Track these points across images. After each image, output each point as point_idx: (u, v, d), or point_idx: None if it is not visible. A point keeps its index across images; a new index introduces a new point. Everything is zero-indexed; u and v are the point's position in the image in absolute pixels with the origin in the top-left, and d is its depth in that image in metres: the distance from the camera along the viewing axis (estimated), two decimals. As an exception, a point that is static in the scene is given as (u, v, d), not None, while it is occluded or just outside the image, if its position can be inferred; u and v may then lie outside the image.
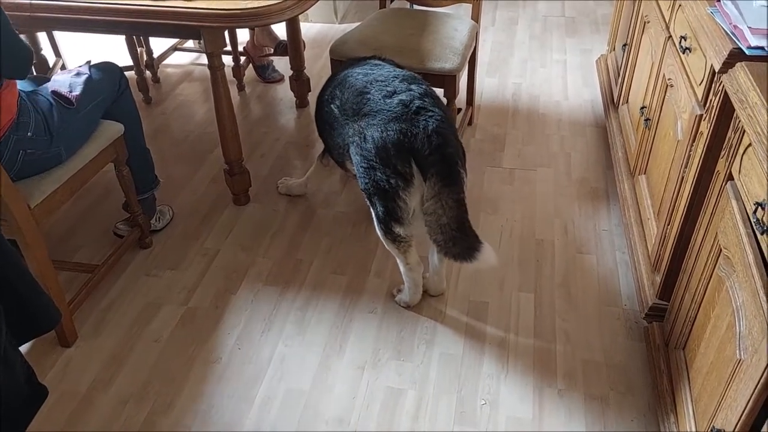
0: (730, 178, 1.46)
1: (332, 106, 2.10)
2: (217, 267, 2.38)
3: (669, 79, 2.04)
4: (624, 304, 2.19)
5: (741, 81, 1.41)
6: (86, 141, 2.07)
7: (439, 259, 2.12)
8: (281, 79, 3.54)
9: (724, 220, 1.46)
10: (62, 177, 1.97)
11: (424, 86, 1.98)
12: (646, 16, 2.47)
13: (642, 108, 2.35)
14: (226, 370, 2.01)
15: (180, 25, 2.15)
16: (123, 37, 3.23)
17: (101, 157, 2.13)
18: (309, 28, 4.16)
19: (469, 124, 3.13)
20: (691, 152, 1.75)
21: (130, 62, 3.28)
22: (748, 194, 1.34)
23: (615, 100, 2.91)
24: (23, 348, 1.87)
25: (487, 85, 3.47)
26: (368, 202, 1.99)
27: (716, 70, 1.53)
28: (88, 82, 2.08)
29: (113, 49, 3.59)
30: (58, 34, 3.50)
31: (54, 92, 1.95)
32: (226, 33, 3.70)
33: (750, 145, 1.34)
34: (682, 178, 1.82)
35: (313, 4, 2.25)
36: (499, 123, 3.16)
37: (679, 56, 1.91)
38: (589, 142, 3.01)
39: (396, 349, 2.06)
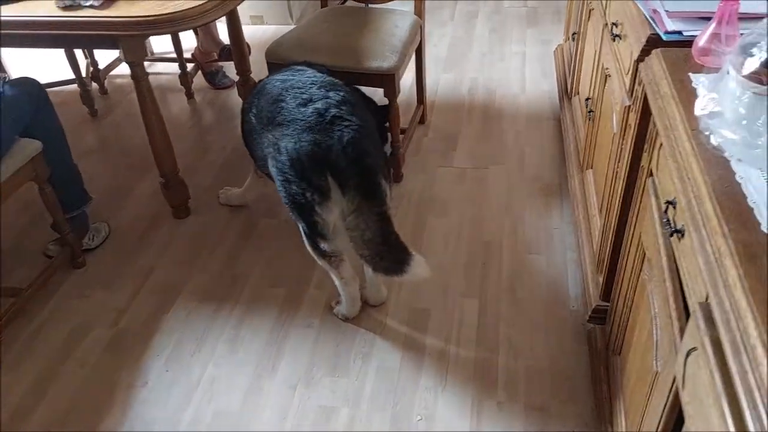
0: (651, 173, 1.37)
1: (250, 114, 2.00)
2: (151, 285, 2.29)
3: (606, 68, 1.94)
4: (572, 306, 2.10)
5: (655, 69, 1.31)
6: (0, 161, 1.97)
7: None
8: (232, 85, 3.44)
9: (646, 219, 1.37)
10: (-30, 200, 1.88)
11: (342, 93, 1.86)
12: (590, 3, 2.37)
13: (587, 99, 2.26)
14: (152, 394, 1.91)
15: (97, 36, 2.06)
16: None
17: (18, 177, 2.04)
18: (265, 30, 4.05)
19: (422, 122, 3.03)
20: (623, 145, 1.66)
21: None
22: (662, 191, 1.24)
23: (569, 92, 2.81)
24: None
25: (443, 81, 3.37)
26: (290, 215, 1.89)
27: (634, 59, 1.44)
28: (1, 99, 1.98)
29: (61, 62, 3.48)
30: (3, 50, 3.40)
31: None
32: (151, 40, 3.63)
33: (664, 138, 1.24)
34: (616, 173, 1.72)
35: (236, 5, 2.15)
36: (453, 120, 3.06)
37: (612, 44, 1.81)
38: (545, 136, 2.91)
39: (331, 365, 1.97)
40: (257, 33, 3.96)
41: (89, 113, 3.28)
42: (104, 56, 3.42)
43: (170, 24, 1.98)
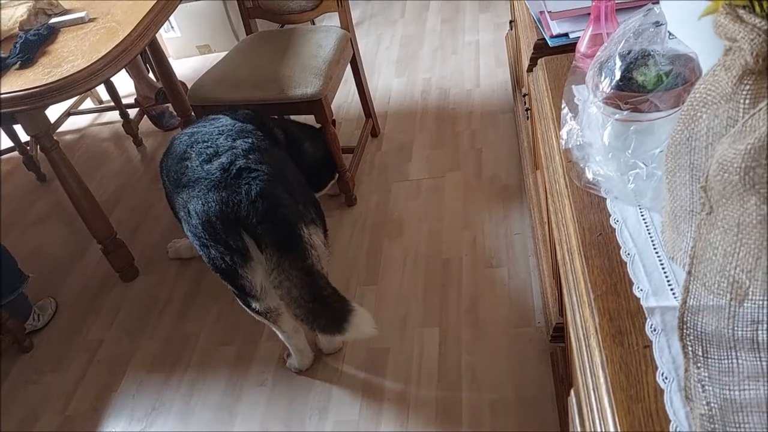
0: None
1: (163, 175, 1.88)
2: (100, 361, 2.18)
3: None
4: (537, 322, 1.94)
5: (540, 83, 1.15)
6: None
7: None
8: (179, 125, 3.31)
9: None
10: None
11: (250, 140, 1.70)
12: (516, -10, 2.20)
13: (524, 95, 2.09)
14: (102, 485, 1.81)
15: (-8, 114, 1.94)
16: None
17: (-66, 276, 1.94)
18: (215, 59, 3.91)
19: (374, 135, 2.88)
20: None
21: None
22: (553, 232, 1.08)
23: (518, 82, 2.64)
24: None
25: (395, 87, 3.21)
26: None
27: (525, 69, 1.28)
28: None
29: None
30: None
31: None
32: (98, 90, 3.53)
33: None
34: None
35: (127, 63, 2.02)
36: (407, 129, 2.91)
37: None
38: (502, 132, 2.74)
39: (286, 425, 1.84)
40: (207, 63, 3.83)
41: (37, 178, 3.19)
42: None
43: (59, 92, 1.86)
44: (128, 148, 3.32)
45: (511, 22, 2.53)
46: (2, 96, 1.86)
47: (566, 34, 1.19)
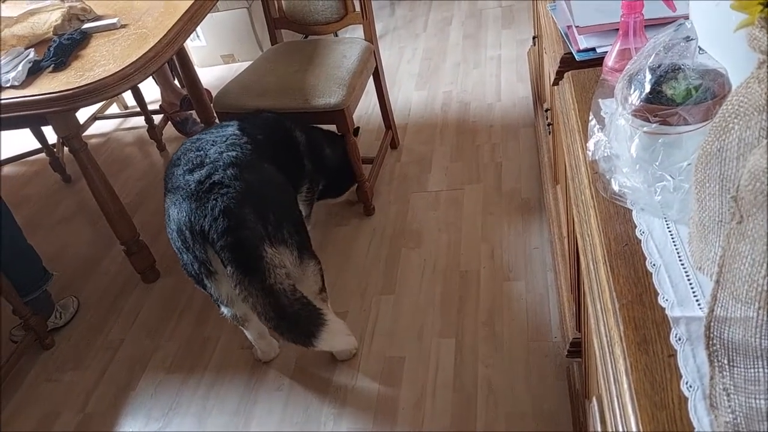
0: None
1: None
2: (120, 360, 2.21)
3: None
4: (554, 336, 1.94)
5: (566, 96, 1.17)
6: (-62, 257, 1.92)
7: None
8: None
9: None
10: None
11: (235, 153, 1.72)
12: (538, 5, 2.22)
13: (546, 110, 2.11)
14: (118, 483, 1.83)
15: (25, 116, 1.99)
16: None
17: (-39, 271, 1.98)
18: (238, 68, 3.96)
19: (394, 147, 2.91)
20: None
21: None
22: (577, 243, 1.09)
23: (540, 97, 2.65)
24: None
25: (416, 100, 3.24)
26: None
27: (551, 82, 1.29)
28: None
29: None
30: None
31: None
32: (124, 96, 3.59)
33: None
34: (567, 193, 1.57)
35: (156, 68, 2.06)
36: (427, 140, 2.93)
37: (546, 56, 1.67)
38: (523, 146, 2.75)
39: (301, 430, 1.85)
40: (230, 72, 3.89)
41: (62, 179, 3.24)
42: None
43: (91, 95, 1.90)
44: (152, 153, 3.37)
45: (534, 37, 2.55)
46: (36, 97, 1.90)
47: (593, 49, 1.21)
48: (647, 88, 0.81)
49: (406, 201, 2.61)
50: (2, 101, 1.93)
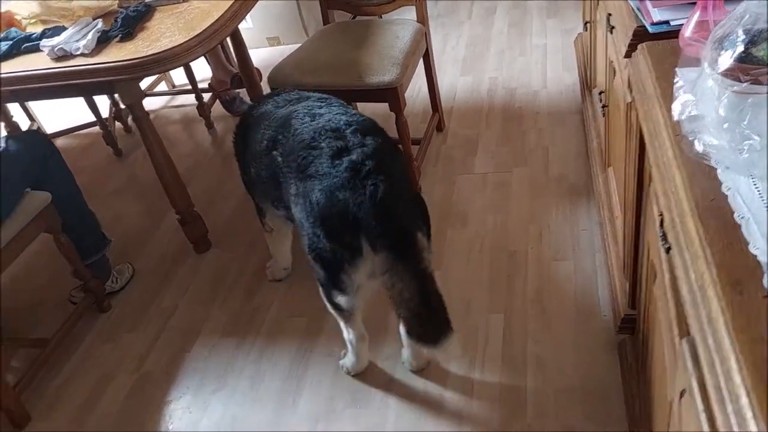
0: (651, 179, 1.25)
1: (275, 153, 1.81)
2: (174, 324, 2.28)
3: (611, 61, 1.82)
4: (603, 314, 1.97)
5: (641, 67, 1.20)
6: (9, 216, 1.99)
7: None
8: (250, 110, 3.42)
9: (651, 229, 1.25)
10: (-17, 259, 1.90)
11: (380, 139, 1.68)
12: (597, -9, 2.24)
13: (600, 93, 2.13)
14: (176, 439, 1.90)
15: (92, 83, 2.06)
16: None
17: (29, 230, 2.06)
18: (283, 51, 4.02)
19: (439, 130, 2.94)
20: (629, 145, 1.54)
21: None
22: (658, 201, 1.13)
23: (588, 84, 2.67)
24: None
25: (461, 84, 3.27)
26: (310, 262, 1.76)
27: (622, 55, 1.32)
28: (3, 155, 2.01)
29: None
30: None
31: (-38, 173, 1.89)
32: (171, 74, 3.66)
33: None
34: (627, 174, 1.60)
35: (220, 41, 2.11)
36: (472, 124, 2.96)
37: (610, 35, 1.69)
38: (569, 132, 2.77)
39: (352, 396, 1.91)
40: (275, 54, 3.93)
41: (114, 153, 3.33)
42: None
43: (158, 64, 1.97)
44: (199, 130, 3.44)
45: (586, 23, 2.56)
46: (108, 64, 1.97)
47: (667, 22, 1.24)
48: (740, 48, 0.84)
49: (452, 182, 2.64)
50: (74, 68, 2.00)
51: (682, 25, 1.17)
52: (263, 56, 4.03)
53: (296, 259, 2.36)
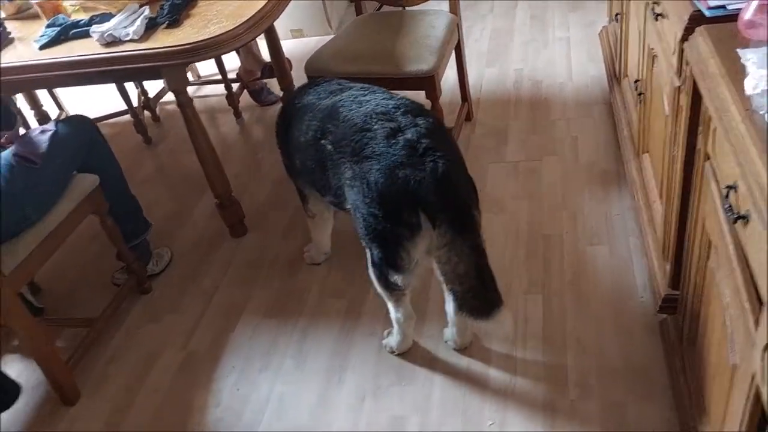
0: (708, 157, 1.30)
1: (323, 142, 1.85)
2: (216, 305, 2.34)
3: (652, 49, 1.87)
4: (640, 296, 2.03)
5: (701, 49, 1.25)
6: (59, 198, 2.04)
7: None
8: (277, 101, 3.47)
9: (708, 205, 1.31)
10: (36, 238, 1.95)
11: (431, 119, 1.73)
12: (631, -19, 2.29)
13: (636, 81, 2.18)
14: (225, 414, 1.95)
15: (140, 68, 2.11)
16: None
17: (78, 212, 2.11)
18: (306, 43, 4.08)
19: (468, 120, 3.00)
20: (676, 129, 1.59)
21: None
22: (721, 175, 1.18)
23: (617, 74, 2.72)
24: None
25: (487, 76, 3.32)
26: (363, 244, 1.81)
27: (678, 38, 1.37)
28: (54, 138, 2.06)
29: (112, 95, 3.60)
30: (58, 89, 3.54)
31: (16, 154, 1.94)
32: (197, 65, 3.70)
33: (719, 120, 1.18)
34: (672, 157, 1.65)
35: (265, 27, 2.17)
36: (500, 115, 3.01)
37: (655, 24, 1.74)
38: (597, 121, 2.82)
39: (397, 374, 1.96)
40: (298, 46, 3.99)
41: (144, 141, 3.38)
42: (153, 85, 3.51)
43: (206, 50, 2.02)
44: (227, 120, 3.49)
45: (617, 15, 2.61)
46: (158, 50, 2.02)
47: (723, 6, 1.29)
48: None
49: (485, 170, 2.69)
50: (126, 53, 2.05)
51: (739, 9, 1.22)
52: (287, 48, 4.01)
53: (334, 243, 2.42)
